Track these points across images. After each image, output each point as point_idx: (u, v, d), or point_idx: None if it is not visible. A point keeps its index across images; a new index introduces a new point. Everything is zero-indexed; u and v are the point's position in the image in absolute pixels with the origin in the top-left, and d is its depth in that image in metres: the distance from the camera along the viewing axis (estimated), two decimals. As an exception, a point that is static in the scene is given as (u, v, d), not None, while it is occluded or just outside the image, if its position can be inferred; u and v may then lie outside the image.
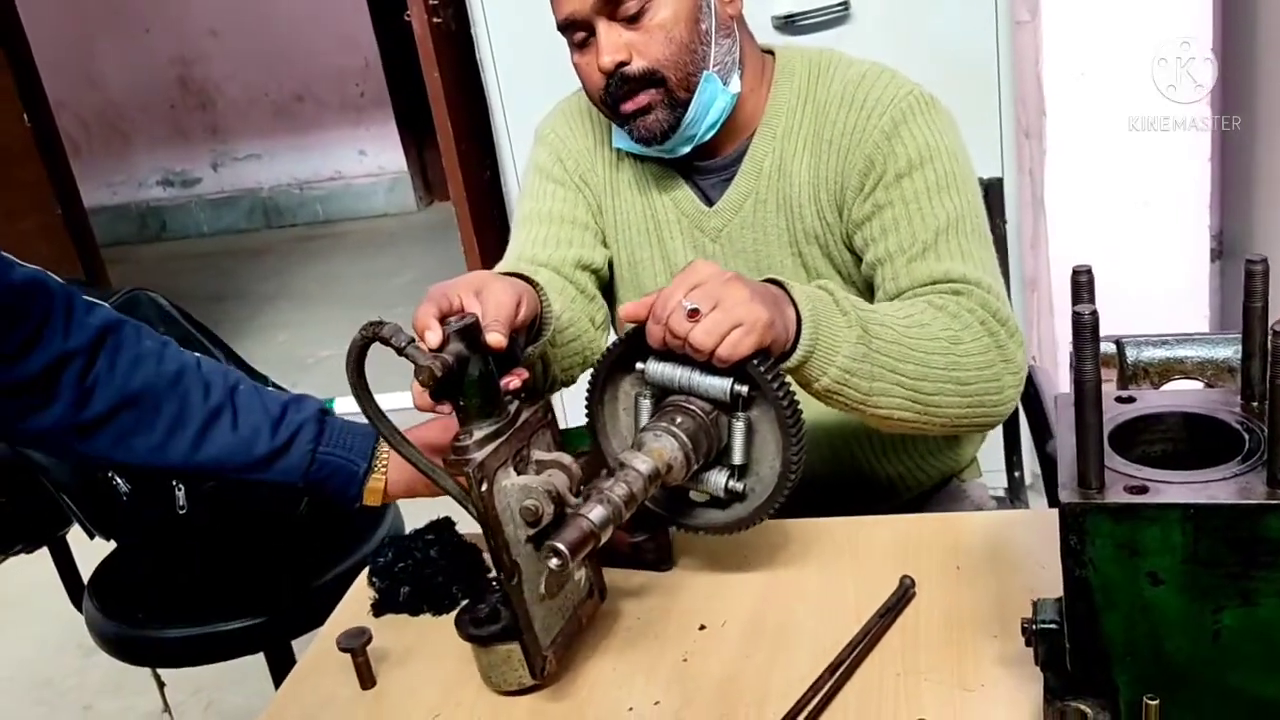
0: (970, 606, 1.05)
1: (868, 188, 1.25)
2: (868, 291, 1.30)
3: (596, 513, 0.92)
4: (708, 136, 1.29)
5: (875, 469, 1.42)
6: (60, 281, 1.13)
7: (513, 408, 1.00)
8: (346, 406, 3.26)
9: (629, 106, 1.23)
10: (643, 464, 0.97)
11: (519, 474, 1.00)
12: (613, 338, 1.39)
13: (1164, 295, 2.47)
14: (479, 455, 0.95)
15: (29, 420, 1.09)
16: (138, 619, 1.63)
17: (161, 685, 1.80)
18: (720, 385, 1.01)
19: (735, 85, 1.27)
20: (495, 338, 0.99)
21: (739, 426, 1.04)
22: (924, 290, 1.19)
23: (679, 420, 1.01)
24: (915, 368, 1.10)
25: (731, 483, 1.06)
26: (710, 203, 1.34)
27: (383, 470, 1.17)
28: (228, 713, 2.40)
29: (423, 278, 5.02)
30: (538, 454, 1.02)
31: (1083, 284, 0.84)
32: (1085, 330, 0.74)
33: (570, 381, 1.31)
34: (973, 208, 1.24)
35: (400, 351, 0.93)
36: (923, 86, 1.28)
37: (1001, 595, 1.05)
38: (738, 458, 1.05)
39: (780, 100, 1.31)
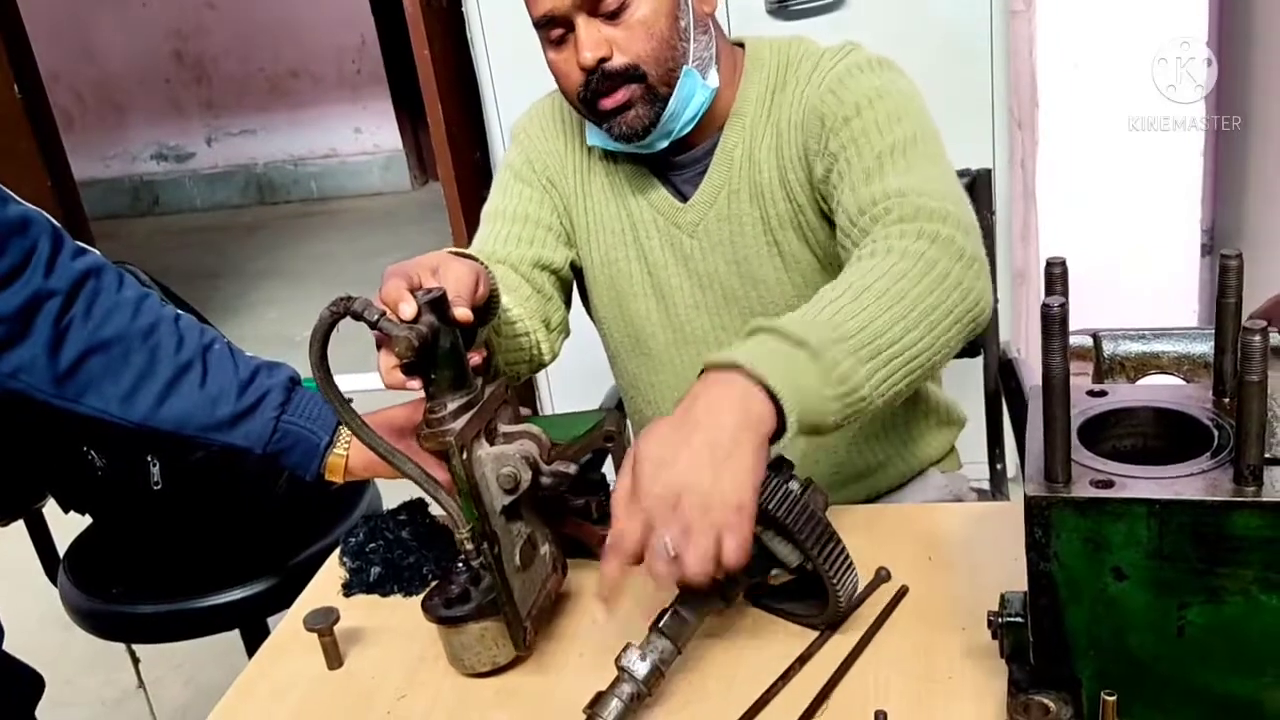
0: (941, 598, 1.05)
1: (823, 143, 1.23)
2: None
3: (623, 691, 0.91)
4: (685, 131, 1.28)
5: (856, 457, 1.42)
6: (54, 224, 1.14)
7: (477, 383, 1.00)
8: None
9: (608, 103, 1.22)
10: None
11: (491, 445, 1.00)
12: (568, 341, 1.39)
13: (1154, 289, 2.47)
14: (456, 425, 0.96)
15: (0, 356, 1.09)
16: (112, 594, 1.62)
17: (136, 661, 1.80)
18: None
19: (714, 79, 1.27)
20: (463, 311, 0.99)
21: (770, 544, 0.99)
22: (865, 221, 1.12)
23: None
24: (891, 332, 0.97)
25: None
26: (684, 198, 1.34)
27: (345, 446, 1.16)
28: (207, 687, 2.40)
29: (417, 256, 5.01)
30: (503, 427, 1.03)
31: (1056, 276, 0.83)
32: (1054, 323, 0.73)
33: (515, 379, 1.30)
34: (926, 135, 1.19)
35: (373, 325, 0.93)
36: (882, 55, 1.27)
37: (972, 587, 1.04)
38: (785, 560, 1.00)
39: (749, 91, 1.31)
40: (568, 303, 1.42)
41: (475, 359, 1.02)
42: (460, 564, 1.01)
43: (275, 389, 1.15)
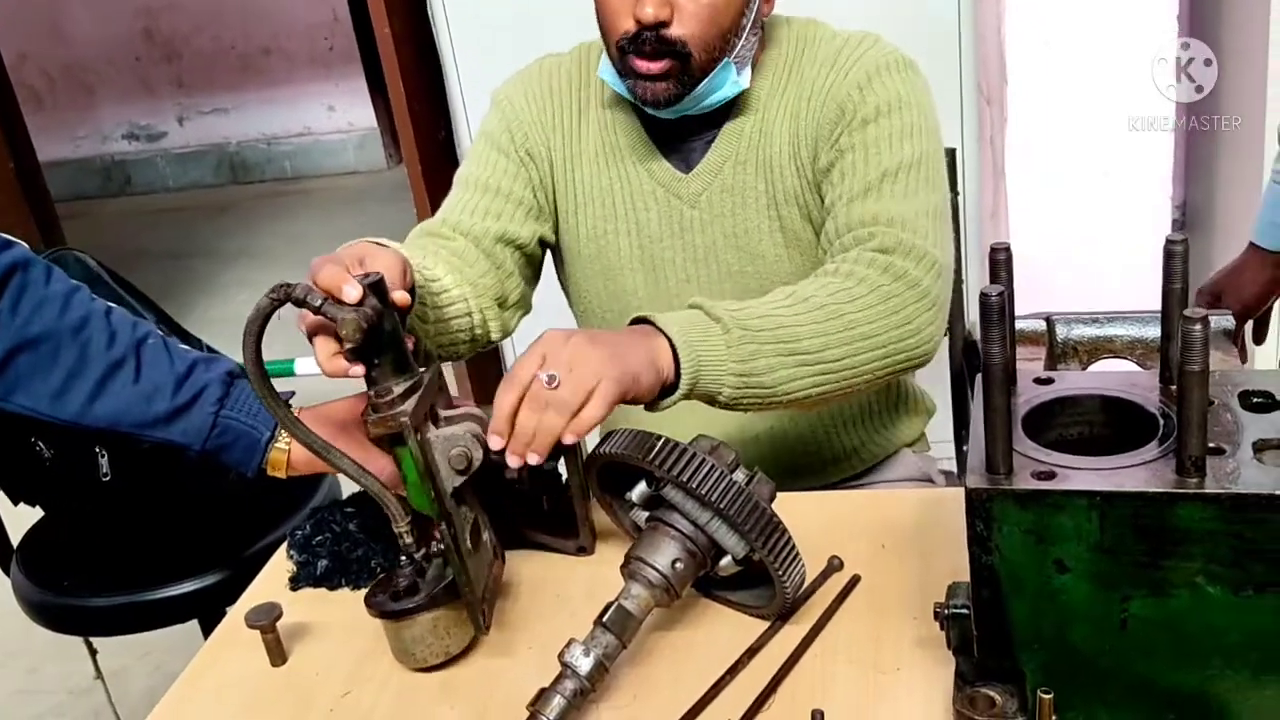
0: (894, 587, 1.03)
1: (835, 134, 1.24)
2: None
3: (566, 688, 0.90)
4: (700, 113, 1.27)
5: (833, 442, 1.42)
6: None
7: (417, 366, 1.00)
8: (307, 368, 3.20)
9: (644, 67, 1.20)
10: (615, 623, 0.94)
11: (436, 428, 1.00)
12: (535, 317, 1.37)
13: (1125, 267, 2.45)
14: (407, 406, 0.94)
15: None
16: (64, 587, 1.60)
17: (94, 653, 1.78)
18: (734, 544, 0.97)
19: (745, 79, 1.26)
20: (401, 294, 0.98)
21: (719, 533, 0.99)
22: (849, 239, 1.18)
23: (673, 555, 0.97)
24: (812, 341, 1.08)
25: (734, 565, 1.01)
26: (687, 168, 1.32)
27: (287, 441, 1.13)
28: (174, 675, 2.37)
29: (390, 237, 4.94)
30: (443, 411, 1.02)
31: (1000, 262, 0.82)
32: (992, 312, 0.72)
33: (454, 358, 1.30)
34: (930, 158, 1.23)
35: (317, 310, 0.91)
36: (905, 53, 1.28)
37: (924, 576, 1.03)
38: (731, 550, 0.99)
39: (765, 68, 1.30)
40: (534, 278, 1.40)
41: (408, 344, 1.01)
42: (403, 559, 0.99)
43: (213, 383, 1.12)
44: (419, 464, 0.95)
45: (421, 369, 1.00)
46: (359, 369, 0.95)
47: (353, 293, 0.92)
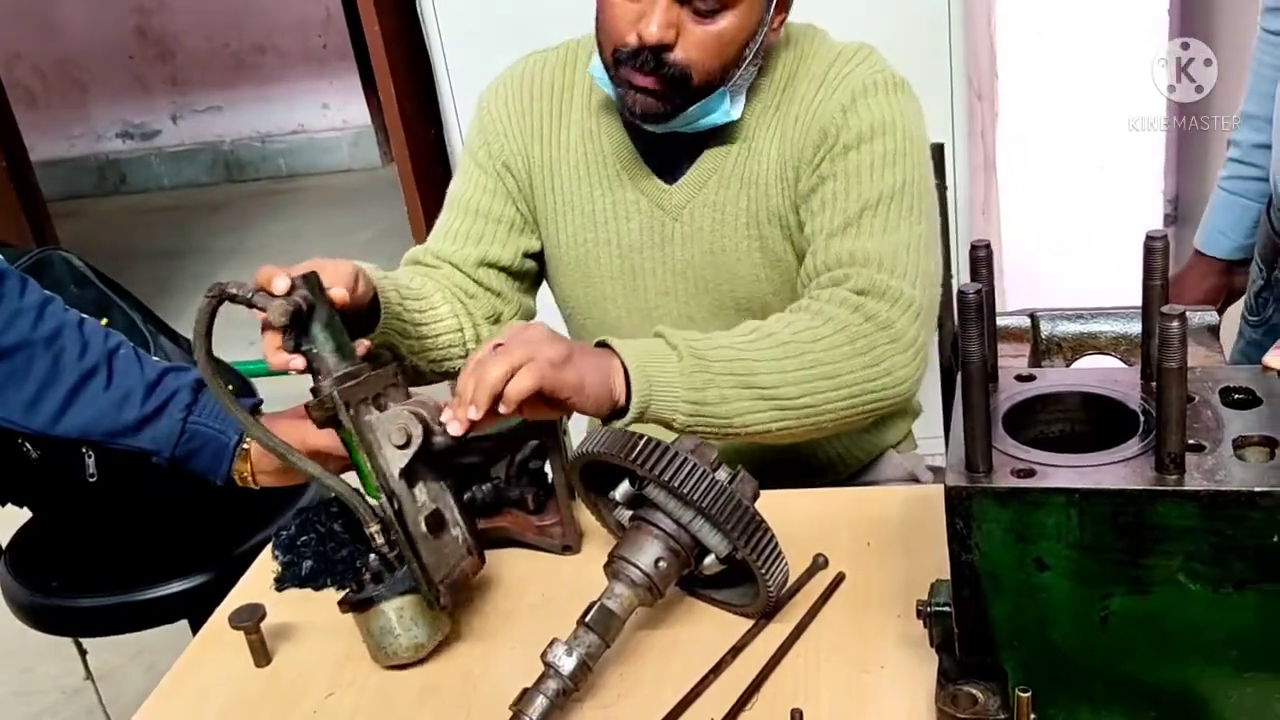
0: (877, 585, 1.03)
1: (817, 159, 1.21)
2: None
3: (549, 688, 0.89)
4: (689, 132, 1.25)
5: (817, 449, 1.41)
6: None
7: (364, 363, 1.02)
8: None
9: (639, 81, 1.17)
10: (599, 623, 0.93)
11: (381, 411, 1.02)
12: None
13: (1116, 261, 2.45)
14: (341, 386, 0.98)
15: None
16: (52, 588, 1.60)
17: (83, 653, 1.78)
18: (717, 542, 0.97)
19: (737, 110, 1.24)
20: (339, 292, 1.02)
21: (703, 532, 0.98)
22: (825, 279, 1.17)
23: (656, 554, 0.97)
24: (769, 376, 1.08)
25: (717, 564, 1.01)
26: (671, 179, 1.29)
27: (248, 445, 1.14)
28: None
29: (385, 234, 4.94)
30: (394, 405, 1.03)
31: (980, 260, 0.81)
32: (970, 310, 0.71)
33: (449, 374, 1.31)
34: (913, 185, 1.20)
35: (249, 303, 0.97)
36: (896, 70, 1.25)
37: (909, 573, 1.03)
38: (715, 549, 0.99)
39: (760, 89, 1.27)
40: (532, 288, 1.40)
41: (361, 348, 1.05)
42: (372, 556, 1.00)
43: (183, 389, 1.13)
44: (353, 438, 0.97)
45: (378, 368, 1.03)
46: (299, 361, 0.99)
47: (281, 284, 0.97)
